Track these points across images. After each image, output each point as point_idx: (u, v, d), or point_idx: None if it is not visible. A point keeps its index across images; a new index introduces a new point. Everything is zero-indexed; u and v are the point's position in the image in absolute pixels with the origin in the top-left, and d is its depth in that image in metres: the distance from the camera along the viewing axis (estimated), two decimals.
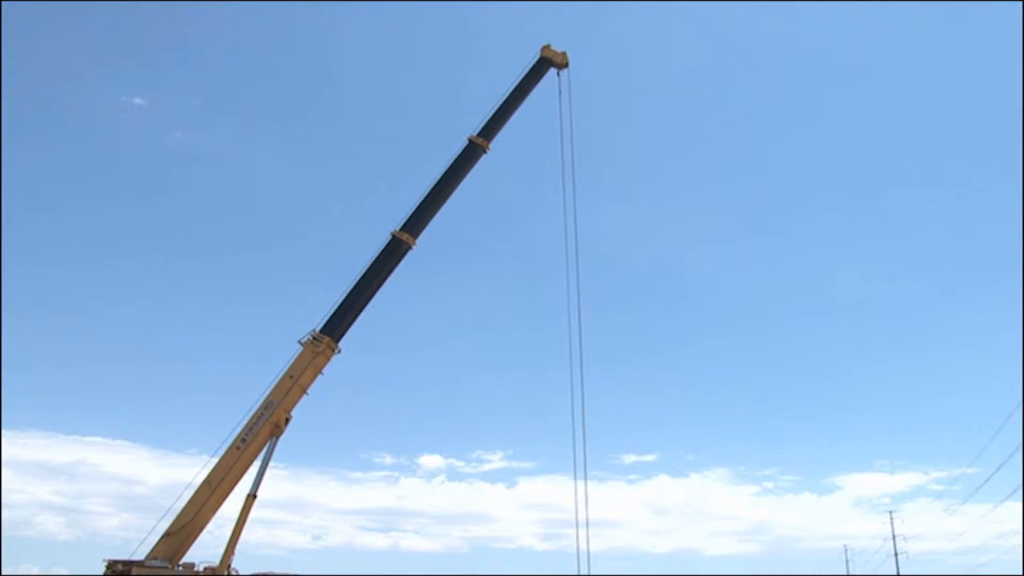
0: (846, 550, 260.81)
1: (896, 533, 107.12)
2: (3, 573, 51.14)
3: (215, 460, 38.58)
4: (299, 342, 40.24)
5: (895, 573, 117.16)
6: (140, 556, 37.78)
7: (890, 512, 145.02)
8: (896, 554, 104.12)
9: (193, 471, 38.56)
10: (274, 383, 39.70)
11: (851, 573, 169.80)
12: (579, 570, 38.83)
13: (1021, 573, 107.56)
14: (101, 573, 37.97)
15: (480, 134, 45.75)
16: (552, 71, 49.52)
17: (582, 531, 37.59)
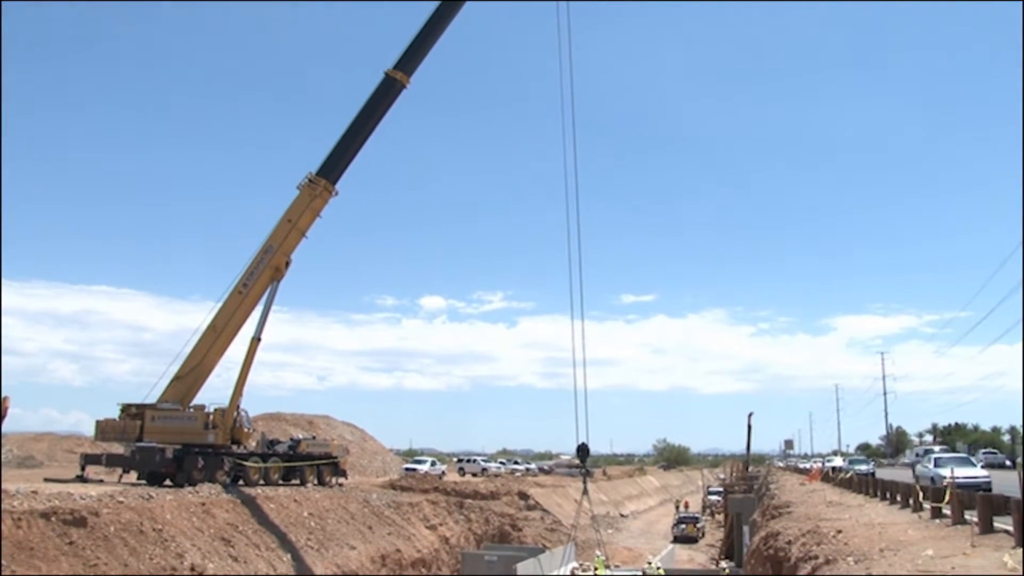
0: (837, 389, 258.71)
1: (886, 374, 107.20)
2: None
3: (219, 305, 38.68)
4: (296, 186, 39.81)
5: (884, 411, 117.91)
6: (152, 400, 38.30)
7: (881, 353, 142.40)
8: (885, 393, 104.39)
9: (198, 317, 38.87)
10: (273, 228, 39.51)
11: (841, 411, 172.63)
12: (576, 407, 38.30)
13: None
14: (116, 416, 38.67)
15: None
16: None
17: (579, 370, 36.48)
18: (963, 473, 26.69)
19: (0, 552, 20.76)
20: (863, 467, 53.90)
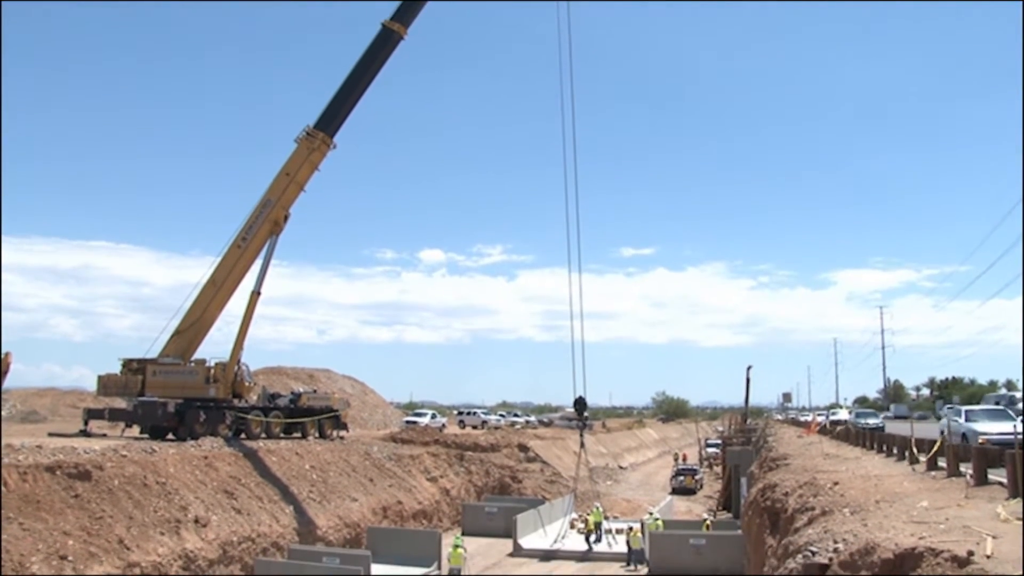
0: (835, 343, 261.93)
1: (884, 328, 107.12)
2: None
3: (218, 260, 38.73)
4: (294, 140, 39.56)
5: (881, 365, 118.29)
6: (153, 354, 38.45)
7: (880, 307, 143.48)
8: (883, 347, 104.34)
9: (198, 271, 39.26)
10: (271, 182, 39.36)
11: (839, 365, 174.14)
12: (574, 360, 38.67)
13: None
14: (117, 371, 38.85)
15: None
16: None
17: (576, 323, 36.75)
18: (998, 428, 24.16)
19: (0, 505, 20.99)
20: (872, 421, 50.76)
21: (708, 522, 39.44)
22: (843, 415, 63.07)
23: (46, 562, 20.41)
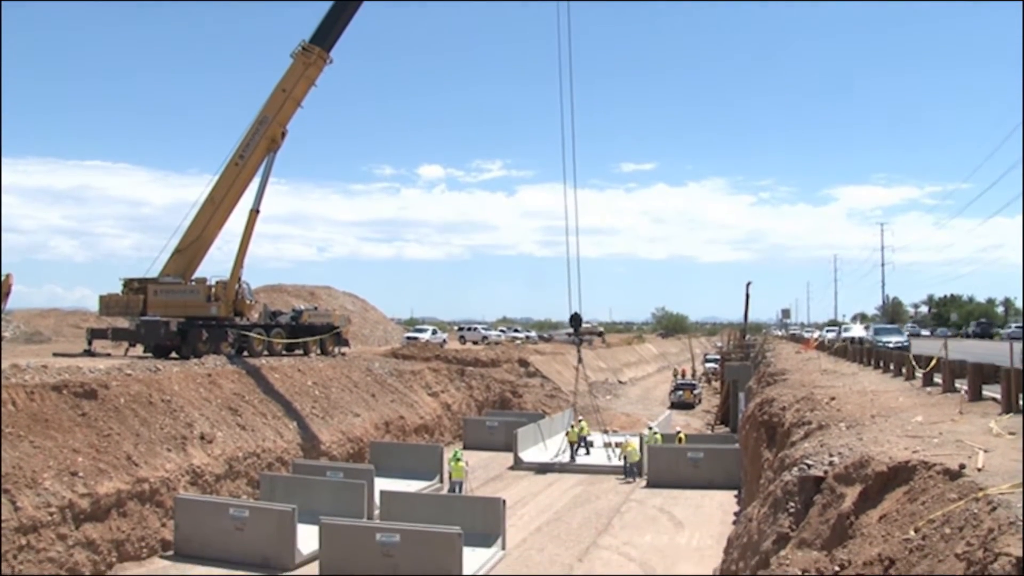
0: (835, 259, 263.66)
1: (885, 245, 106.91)
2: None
3: (216, 178, 38.39)
4: (290, 55, 38.83)
5: (881, 282, 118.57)
6: (154, 274, 38.50)
7: (881, 224, 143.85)
8: (883, 264, 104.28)
9: (196, 190, 39.02)
10: (267, 98, 38.79)
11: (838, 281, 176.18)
12: (570, 276, 38.84)
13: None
14: (119, 291, 38.94)
15: None
16: None
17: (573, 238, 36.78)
18: (895, 339, 23.94)
19: (1, 424, 21.29)
20: (895, 339, 41.06)
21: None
22: (857, 331, 53.71)
23: (57, 478, 20.83)
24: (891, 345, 36.44)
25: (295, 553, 22.26)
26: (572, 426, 41.29)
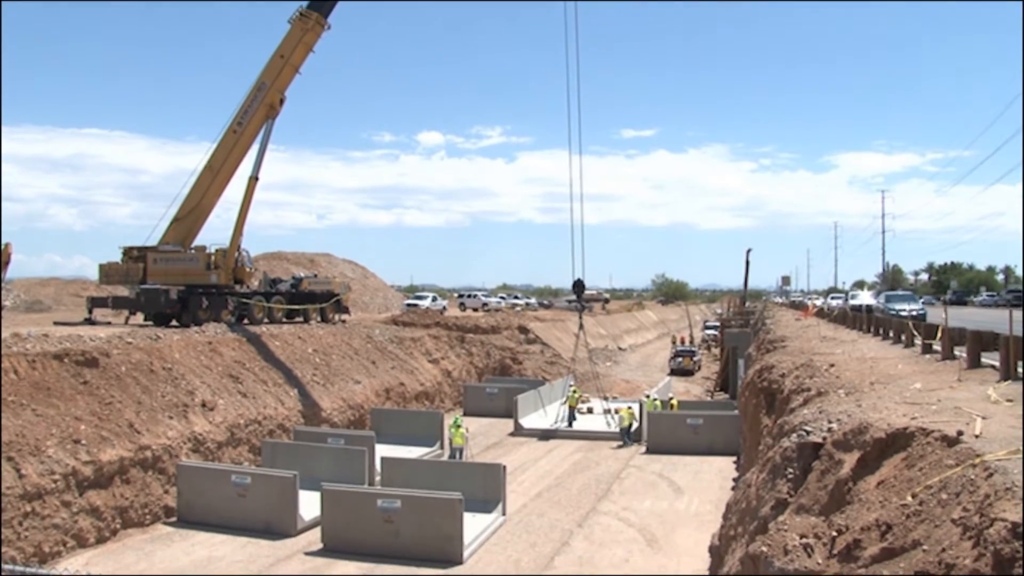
0: (836, 227, 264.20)
1: (885, 212, 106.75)
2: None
3: (214, 145, 38.26)
4: (288, 20, 38.50)
5: (881, 250, 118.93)
6: (153, 242, 38.48)
7: (882, 191, 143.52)
8: (883, 232, 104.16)
9: (195, 158, 38.99)
10: (265, 64, 38.53)
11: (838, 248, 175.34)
12: (573, 243, 38.74)
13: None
14: (118, 260, 38.94)
15: None
16: None
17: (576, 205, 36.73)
18: (908, 307, 23.32)
19: (1, 392, 21.39)
20: (908, 307, 37.90)
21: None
22: (865, 298, 50.04)
23: (61, 446, 20.96)
24: (905, 314, 33.65)
25: (297, 519, 22.43)
26: (574, 390, 41.58)
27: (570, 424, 39.41)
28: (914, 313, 34.71)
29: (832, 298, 70.02)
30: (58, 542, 19.90)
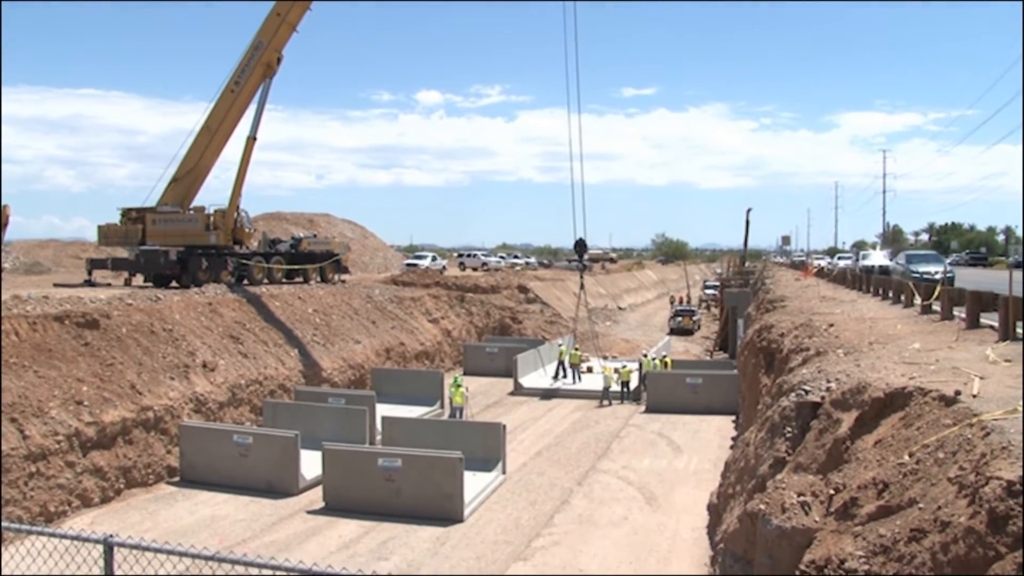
0: (836, 187, 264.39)
1: (887, 172, 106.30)
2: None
3: (211, 105, 37.93)
4: None
5: (881, 210, 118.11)
6: (151, 203, 38.35)
7: (883, 151, 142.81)
8: (884, 192, 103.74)
9: (192, 118, 38.54)
10: (262, 22, 38.07)
11: (839, 208, 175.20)
12: (574, 202, 38.54)
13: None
14: (117, 221, 38.85)
15: None
16: None
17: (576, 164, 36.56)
18: (933, 269, 21.65)
19: (2, 354, 21.47)
20: (932, 268, 32.73)
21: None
22: (878, 258, 44.61)
23: (63, 407, 21.08)
24: (929, 277, 29.14)
25: (298, 478, 22.63)
26: (576, 349, 41.73)
27: (574, 382, 39.66)
28: (939, 276, 28.33)
29: (840, 258, 66.38)
30: (63, 502, 20.10)
